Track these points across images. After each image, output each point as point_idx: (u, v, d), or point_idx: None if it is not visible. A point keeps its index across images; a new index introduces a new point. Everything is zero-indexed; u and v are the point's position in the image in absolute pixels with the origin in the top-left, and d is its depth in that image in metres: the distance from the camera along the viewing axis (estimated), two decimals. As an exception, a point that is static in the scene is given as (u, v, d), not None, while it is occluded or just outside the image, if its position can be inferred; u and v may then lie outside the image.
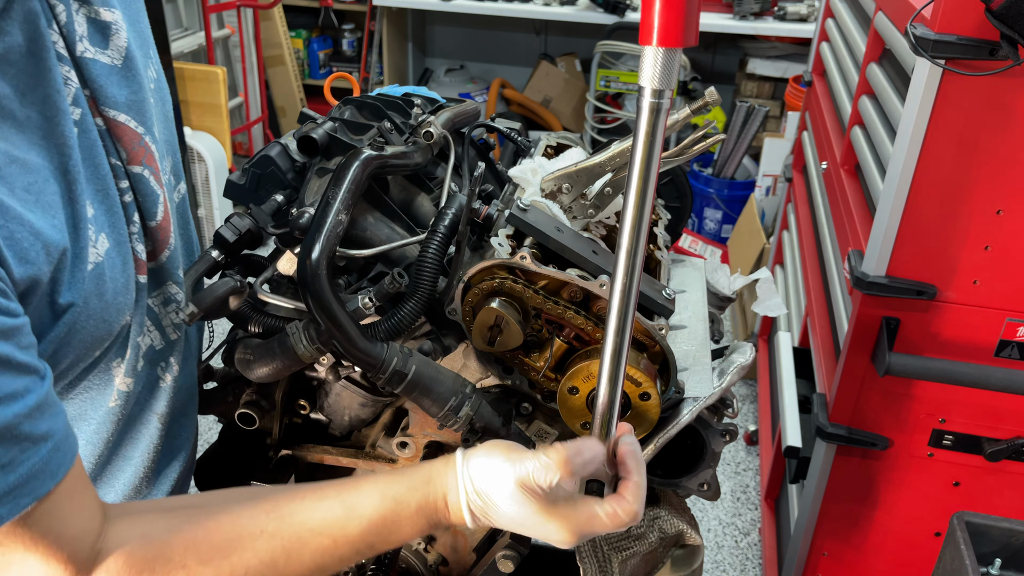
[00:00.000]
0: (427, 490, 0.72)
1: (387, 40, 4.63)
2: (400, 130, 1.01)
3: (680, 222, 1.20)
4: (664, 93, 0.59)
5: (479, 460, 0.72)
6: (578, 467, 0.70)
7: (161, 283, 0.83)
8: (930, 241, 1.38)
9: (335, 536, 0.70)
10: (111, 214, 0.72)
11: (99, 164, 0.71)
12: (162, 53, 3.07)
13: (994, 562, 1.22)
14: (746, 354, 0.94)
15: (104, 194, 0.71)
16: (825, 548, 1.75)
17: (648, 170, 0.61)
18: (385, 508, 0.71)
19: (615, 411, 0.72)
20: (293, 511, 0.69)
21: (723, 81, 4.50)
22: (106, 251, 0.70)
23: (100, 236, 0.70)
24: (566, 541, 0.71)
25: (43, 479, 0.60)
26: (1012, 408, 1.47)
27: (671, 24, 0.56)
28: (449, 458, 0.74)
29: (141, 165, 0.76)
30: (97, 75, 0.72)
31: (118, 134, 0.74)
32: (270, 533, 0.68)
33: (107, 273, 0.70)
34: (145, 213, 0.77)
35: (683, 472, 0.98)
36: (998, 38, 1.19)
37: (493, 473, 0.70)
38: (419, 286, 0.88)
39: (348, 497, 0.71)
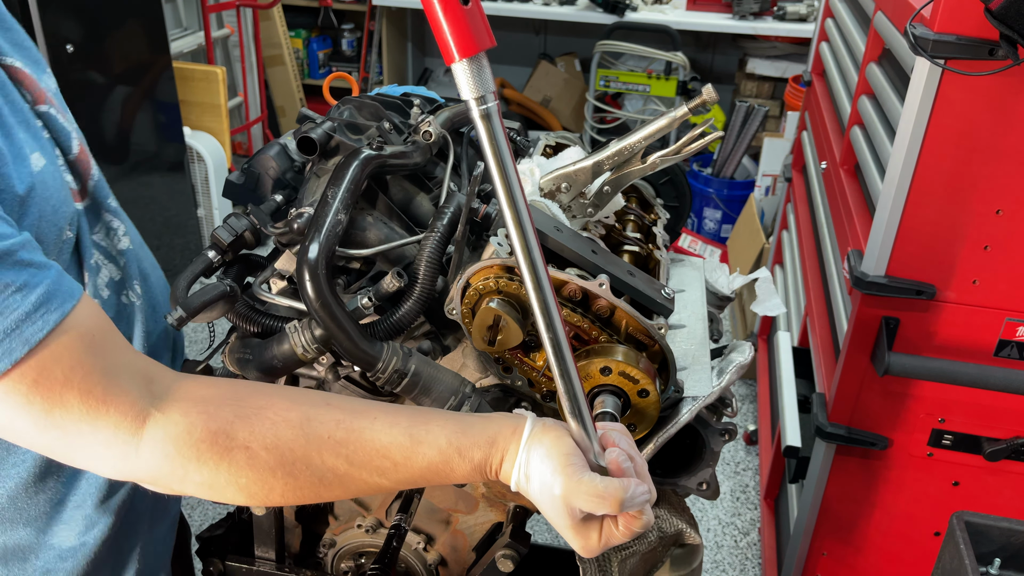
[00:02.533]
0: (490, 451, 0.73)
1: (386, 40, 4.63)
2: (399, 130, 1.01)
3: (679, 222, 1.20)
4: (486, 97, 0.62)
5: (542, 452, 0.72)
6: (628, 508, 0.70)
7: (98, 216, 0.87)
8: (929, 241, 1.38)
9: (397, 462, 0.72)
10: (36, 140, 0.77)
11: (14, 100, 0.76)
12: (162, 53, 3.07)
13: (993, 562, 1.22)
14: (745, 353, 0.94)
15: (27, 124, 0.77)
16: (824, 548, 1.75)
17: (505, 171, 0.64)
18: (448, 454, 0.72)
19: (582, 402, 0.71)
20: (363, 427, 0.71)
21: (723, 81, 4.51)
22: (42, 168, 0.75)
23: (34, 154, 0.75)
24: (585, 553, 0.73)
25: (64, 296, 0.66)
26: (1011, 408, 1.47)
27: (462, 36, 0.60)
28: (517, 425, 0.74)
29: (46, 104, 0.82)
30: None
31: (19, 78, 0.80)
32: (337, 440, 0.70)
33: (49, 181, 0.75)
34: (62, 147, 0.83)
35: (682, 471, 0.98)
36: (997, 38, 1.19)
37: (548, 474, 0.71)
38: (418, 285, 0.87)
39: (417, 431, 0.72)
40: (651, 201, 1.19)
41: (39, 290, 0.64)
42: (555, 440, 0.72)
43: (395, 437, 0.72)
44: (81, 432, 0.65)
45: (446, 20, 0.60)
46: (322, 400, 0.74)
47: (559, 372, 0.69)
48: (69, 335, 0.65)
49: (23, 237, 0.65)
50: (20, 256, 0.64)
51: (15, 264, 0.63)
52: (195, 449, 0.67)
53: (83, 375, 0.65)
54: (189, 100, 3.47)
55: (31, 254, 0.65)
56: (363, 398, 0.77)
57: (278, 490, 0.70)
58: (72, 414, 0.64)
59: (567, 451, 0.71)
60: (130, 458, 0.67)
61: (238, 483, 0.69)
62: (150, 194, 3.14)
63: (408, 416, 0.74)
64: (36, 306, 0.63)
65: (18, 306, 0.62)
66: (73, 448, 0.66)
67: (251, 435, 0.68)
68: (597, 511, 0.69)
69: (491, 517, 1.08)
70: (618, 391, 0.85)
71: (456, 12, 0.59)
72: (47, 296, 0.64)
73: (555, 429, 0.73)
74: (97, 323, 0.69)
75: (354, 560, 1.16)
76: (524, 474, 0.72)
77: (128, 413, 0.66)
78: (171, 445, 0.67)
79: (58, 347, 0.64)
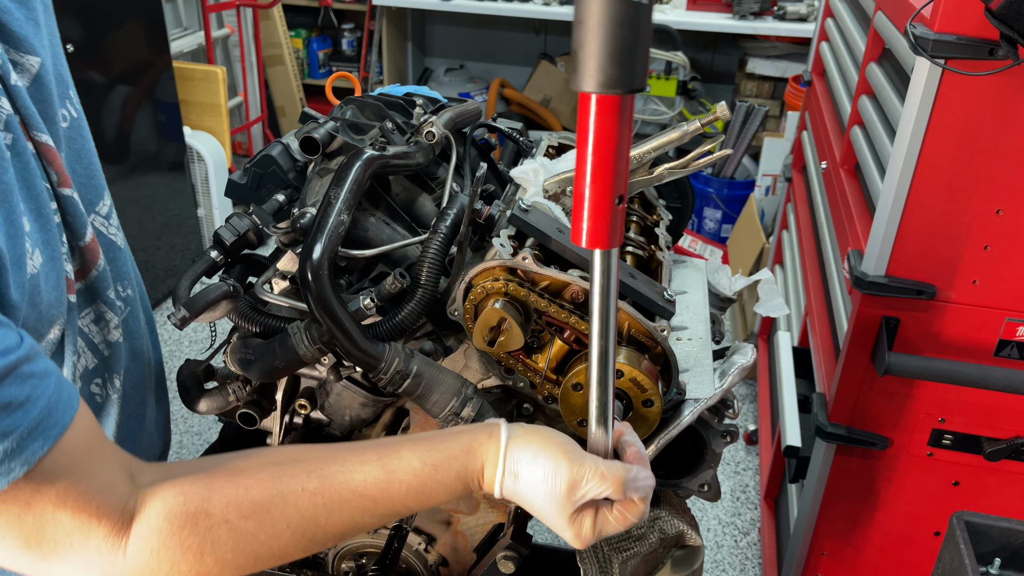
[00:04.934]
0: (467, 460, 0.72)
1: (387, 40, 4.63)
2: (402, 130, 1.01)
3: (681, 223, 1.21)
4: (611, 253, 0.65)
5: (533, 448, 0.72)
6: (631, 491, 0.71)
7: (92, 301, 0.84)
8: (930, 241, 1.38)
9: (375, 497, 0.71)
10: (45, 232, 0.74)
11: (32, 184, 0.73)
12: (162, 53, 3.07)
13: (993, 562, 1.22)
14: (747, 355, 0.95)
15: (38, 213, 0.73)
16: (825, 548, 1.75)
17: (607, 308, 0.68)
18: (425, 475, 0.72)
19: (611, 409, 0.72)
20: (334, 472, 0.71)
21: (723, 81, 4.51)
22: (40, 265, 0.72)
23: (36, 251, 0.72)
24: (579, 544, 0.73)
25: (64, 409, 0.63)
26: (1012, 408, 1.48)
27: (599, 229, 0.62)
28: (492, 431, 0.74)
29: (71, 189, 0.79)
30: (29, 103, 0.75)
31: (49, 158, 0.77)
32: (311, 491, 0.70)
33: (42, 285, 0.72)
34: (74, 234, 0.80)
35: (684, 473, 0.98)
36: (998, 38, 1.19)
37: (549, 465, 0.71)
38: (420, 286, 0.88)
39: (388, 461, 0.72)
40: (653, 202, 1.19)
41: (41, 403, 0.61)
42: (546, 437, 0.73)
43: (368, 473, 0.71)
44: (72, 545, 0.63)
45: (592, 209, 0.61)
46: (288, 456, 0.72)
47: (598, 380, 0.70)
48: (65, 448, 0.62)
49: (28, 347, 0.62)
50: (22, 369, 0.60)
51: (18, 377, 0.60)
52: (178, 537, 0.65)
53: (77, 493, 0.63)
54: (189, 100, 3.47)
55: (33, 364, 0.62)
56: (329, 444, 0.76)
57: (264, 556, 0.69)
58: (63, 529, 0.63)
59: (562, 441, 0.72)
60: (118, 562, 0.65)
61: (225, 559, 0.67)
62: (150, 194, 3.14)
63: (376, 450, 0.73)
64: (38, 422, 0.61)
65: (20, 424, 0.60)
66: (61, 560, 0.64)
67: (228, 507, 0.67)
68: (599, 493, 0.70)
69: (492, 518, 1.08)
70: (621, 394, 0.85)
71: (606, 206, 0.60)
72: (48, 410, 0.62)
73: (535, 428, 0.74)
74: (89, 427, 0.66)
75: (355, 560, 1.16)
76: (511, 473, 0.72)
77: (118, 520, 0.64)
78: (156, 539, 0.65)
79: (55, 464, 0.61)
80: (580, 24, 0.53)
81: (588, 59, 0.53)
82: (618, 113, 0.57)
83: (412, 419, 0.99)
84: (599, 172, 0.59)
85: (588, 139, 0.58)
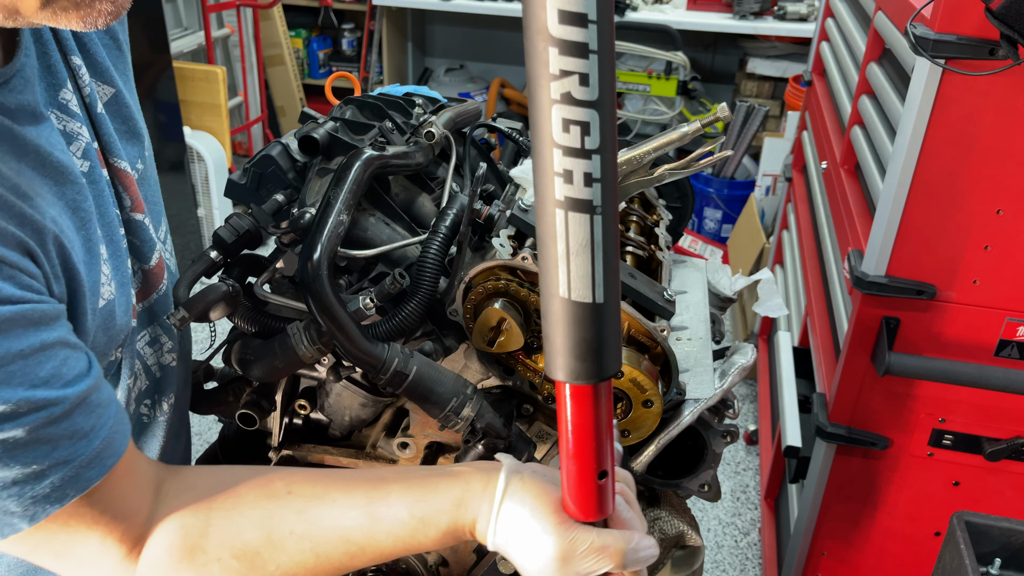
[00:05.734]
0: (457, 514, 0.70)
1: (387, 40, 4.63)
2: (401, 130, 1.01)
3: (681, 223, 1.20)
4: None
5: (524, 512, 0.67)
6: (632, 564, 0.66)
7: (149, 323, 0.86)
8: (930, 241, 1.38)
9: (362, 544, 0.71)
10: (116, 258, 0.76)
11: (105, 212, 0.75)
12: (162, 53, 3.07)
13: (994, 562, 1.22)
14: (747, 355, 0.94)
15: (110, 239, 0.76)
16: (825, 548, 1.75)
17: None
18: (413, 527, 0.70)
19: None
20: (322, 516, 0.71)
21: (723, 81, 4.51)
22: (115, 291, 0.75)
23: (111, 277, 0.75)
24: None
25: (120, 439, 0.66)
26: (1012, 408, 1.47)
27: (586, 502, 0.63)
28: (489, 481, 0.70)
29: (143, 214, 0.81)
30: (111, 130, 0.78)
31: (126, 183, 0.79)
32: (299, 535, 0.70)
33: (116, 311, 0.75)
34: (141, 257, 0.82)
35: (684, 473, 0.98)
36: (998, 38, 1.19)
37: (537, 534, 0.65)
38: (420, 287, 0.87)
39: (377, 508, 0.71)
40: (653, 202, 1.19)
41: (103, 433, 0.64)
42: (538, 495, 0.67)
43: (355, 519, 0.70)
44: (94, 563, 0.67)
45: (577, 486, 0.61)
46: (284, 487, 0.72)
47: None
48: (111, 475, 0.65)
49: (96, 374, 0.65)
50: (91, 399, 0.63)
51: (87, 407, 0.62)
52: (175, 571, 0.69)
53: (110, 517, 0.66)
54: (189, 100, 3.47)
55: (99, 393, 0.64)
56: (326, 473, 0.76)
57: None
58: (90, 549, 0.66)
59: (555, 499, 0.66)
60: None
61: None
62: (150, 194, 3.14)
63: (366, 491, 0.72)
64: (97, 452, 0.63)
65: (82, 453, 0.62)
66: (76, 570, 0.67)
67: (221, 545, 0.69)
68: (597, 569, 0.64)
69: (492, 517, 1.08)
70: (621, 394, 0.85)
71: (590, 483, 0.61)
72: (108, 440, 0.64)
73: (536, 482, 0.68)
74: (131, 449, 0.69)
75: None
76: (504, 537, 0.67)
77: (135, 545, 0.68)
78: (159, 569, 0.68)
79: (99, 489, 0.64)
80: (545, 318, 0.51)
81: (556, 353, 0.52)
82: (592, 400, 0.56)
83: (412, 419, 0.99)
84: (579, 453, 0.59)
85: (566, 423, 0.58)
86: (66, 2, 0.60)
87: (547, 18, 0.41)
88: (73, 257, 0.67)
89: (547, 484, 0.68)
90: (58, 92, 0.72)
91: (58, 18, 0.60)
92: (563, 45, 0.42)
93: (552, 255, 0.48)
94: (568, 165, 0.45)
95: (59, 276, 0.65)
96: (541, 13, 0.41)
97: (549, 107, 0.43)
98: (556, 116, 0.44)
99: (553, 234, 0.47)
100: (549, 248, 0.48)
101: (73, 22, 0.61)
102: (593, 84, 0.43)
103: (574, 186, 0.46)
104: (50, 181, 0.67)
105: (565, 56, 0.42)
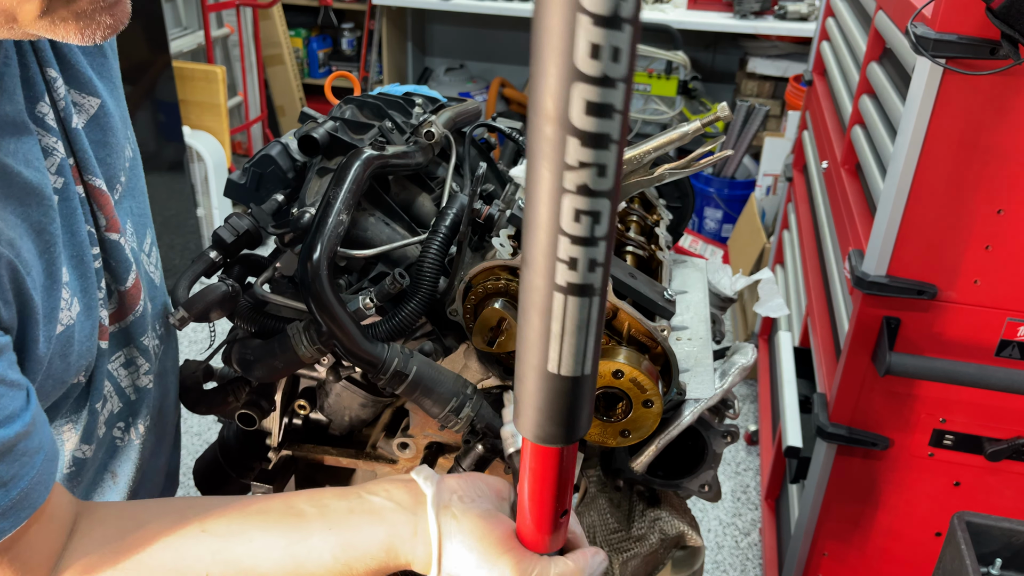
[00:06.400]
0: (387, 558, 0.66)
1: (387, 39, 4.63)
2: (401, 130, 1.01)
3: (682, 222, 1.20)
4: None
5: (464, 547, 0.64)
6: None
7: (124, 345, 0.83)
8: (931, 241, 1.38)
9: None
10: (84, 279, 0.73)
11: (76, 231, 0.72)
12: (161, 52, 3.07)
13: (995, 562, 1.22)
14: (748, 355, 0.94)
15: (79, 260, 0.72)
16: (825, 548, 1.75)
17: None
18: (338, 572, 0.66)
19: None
20: (240, 556, 0.66)
21: (723, 80, 4.50)
22: (77, 315, 0.71)
23: (74, 300, 0.71)
24: None
25: (40, 491, 0.61)
26: (1013, 408, 1.47)
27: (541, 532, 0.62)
28: (416, 524, 0.66)
29: (119, 233, 0.77)
30: (86, 146, 0.74)
31: (101, 202, 0.75)
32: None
33: (76, 336, 0.71)
34: (116, 278, 0.79)
35: (684, 473, 0.98)
36: (999, 37, 1.19)
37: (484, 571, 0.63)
38: (420, 286, 0.87)
39: (298, 549, 0.67)
40: (653, 202, 1.19)
41: (23, 484, 0.59)
42: (481, 537, 0.64)
43: (276, 561, 0.66)
44: None
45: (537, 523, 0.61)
46: (197, 527, 0.67)
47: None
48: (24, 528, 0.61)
49: (30, 416, 0.61)
50: (19, 447, 0.59)
51: (13, 455, 0.58)
52: None
53: (20, 564, 0.61)
54: (189, 99, 3.47)
55: (29, 440, 0.60)
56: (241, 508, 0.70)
57: None
58: None
59: (499, 535, 0.64)
60: None
61: None
62: (150, 194, 3.14)
63: (285, 532, 0.67)
64: (14, 503, 0.59)
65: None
66: None
67: None
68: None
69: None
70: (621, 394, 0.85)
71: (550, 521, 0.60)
72: (27, 491, 0.60)
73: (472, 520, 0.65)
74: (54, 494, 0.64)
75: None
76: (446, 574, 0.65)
77: None
78: None
79: (13, 537, 0.60)
80: (521, 384, 0.50)
81: (530, 417, 0.51)
82: (561, 458, 0.55)
83: (412, 419, 0.99)
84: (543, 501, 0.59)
85: (532, 476, 0.57)
86: (66, 12, 0.57)
87: (571, 109, 0.38)
88: (28, 283, 0.63)
89: (485, 519, 0.65)
90: (35, 105, 0.69)
91: (56, 29, 0.58)
92: (586, 137, 0.39)
93: (540, 333, 0.46)
94: (574, 253, 0.43)
95: (9, 302, 0.62)
96: (563, 103, 0.38)
97: (559, 196, 0.41)
98: (567, 206, 0.41)
99: (547, 315, 0.46)
100: (536, 326, 0.46)
101: (71, 34, 0.59)
102: (610, 174, 0.41)
103: (578, 272, 0.44)
104: (14, 202, 0.63)
105: (587, 148, 0.40)
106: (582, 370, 0.48)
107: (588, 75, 0.37)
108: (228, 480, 1.09)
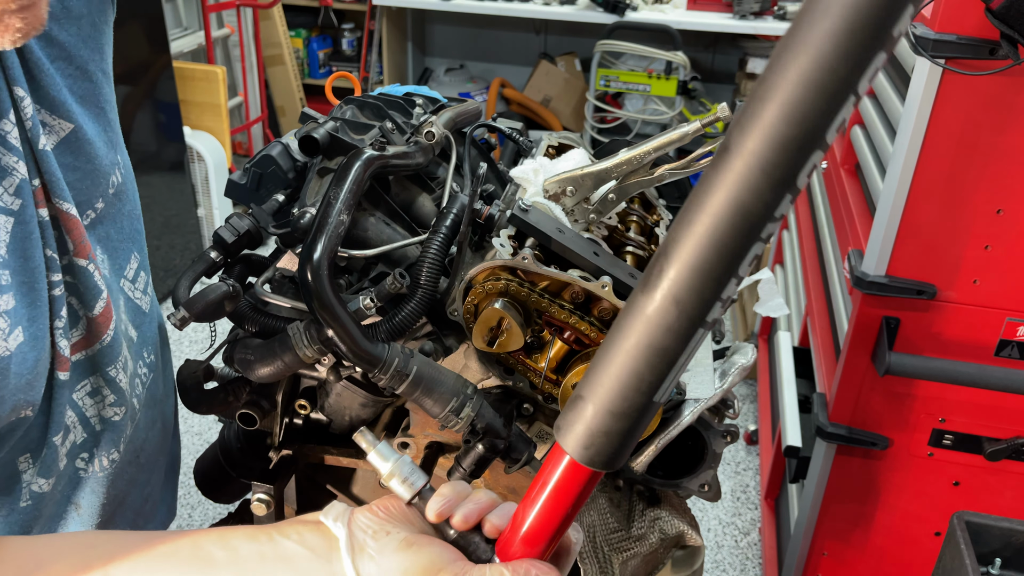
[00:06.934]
0: None
1: (387, 39, 4.63)
2: (402, 130, 1.01)
3: (681, 222, 1.20)
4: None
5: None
6: None
7: (91, 374, 0.80)
8: (930, 241, 1.38)
9: None
10: (33, 308, 0.69)
11: (30, 256, 0.68)
12: (162, 53, 3.07)
13: (994, 562, 1.23)
14: (747, 355, 0.94)
15: (29, 287, 0.69)
16: (825, 548, 1.75)
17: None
18: None
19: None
20: None
21: (723, 80, 4.51)
22: (18, 346, 0.67)
23: (15, 330, 0.67)
24: None
25: None
26: (1012, 407, 1.47)
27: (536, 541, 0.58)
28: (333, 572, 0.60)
29: (87, 260, 0.75)
30: (55, 168, 0.71)
31: (69, 226, 0.73)
32: None
33: (12, 368, 0.67)
34: (85, 304, 0.76)
35: (684, 473, 0.98)
36: (998, 37, 1.19)
37: None
38: (420, 286, 0.87)
39: None
40: (653, 202, 1.19)
41: None
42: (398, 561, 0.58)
43: None
44: None
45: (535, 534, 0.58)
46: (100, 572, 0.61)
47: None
48: None
49: None
50: None
51: None
52: None
53: None
54: (189, 100, 3.47)
55: None
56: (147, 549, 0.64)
57: None
58: None
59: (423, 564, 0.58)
60: None
61: None
62: (150, 194, 3.14)
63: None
64: None
65: None
66: None
67: None
68: None
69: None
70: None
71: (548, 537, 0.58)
72: None
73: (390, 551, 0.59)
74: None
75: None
76: None
77: None
78: None
79: None
80: (588, 402, 0.50)
81: (578, 424, 0.51)
82: (584, 483, 0.55)
83: (412, 419, 0.99)
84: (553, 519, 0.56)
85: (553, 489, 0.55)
86: None
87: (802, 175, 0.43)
88: None
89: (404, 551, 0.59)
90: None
91: None
92: (796, 191, 0.44)
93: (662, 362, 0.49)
94: (732, 292, 0.47)
95: None
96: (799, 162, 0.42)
97: (751, 245, 0.45)
98: (751, 253, 0.45)
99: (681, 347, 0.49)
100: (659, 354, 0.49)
101: None
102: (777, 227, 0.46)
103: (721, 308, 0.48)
104: None
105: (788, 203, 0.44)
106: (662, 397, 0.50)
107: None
108: (228, 480, 1.09)
